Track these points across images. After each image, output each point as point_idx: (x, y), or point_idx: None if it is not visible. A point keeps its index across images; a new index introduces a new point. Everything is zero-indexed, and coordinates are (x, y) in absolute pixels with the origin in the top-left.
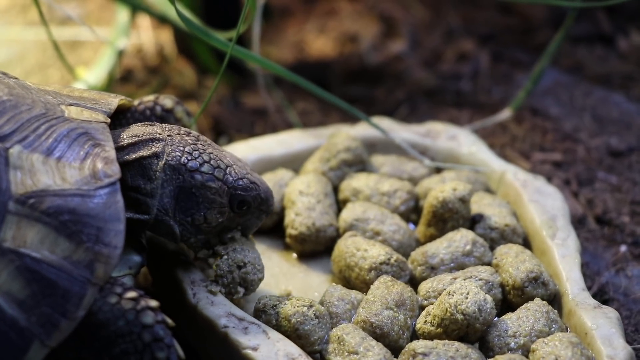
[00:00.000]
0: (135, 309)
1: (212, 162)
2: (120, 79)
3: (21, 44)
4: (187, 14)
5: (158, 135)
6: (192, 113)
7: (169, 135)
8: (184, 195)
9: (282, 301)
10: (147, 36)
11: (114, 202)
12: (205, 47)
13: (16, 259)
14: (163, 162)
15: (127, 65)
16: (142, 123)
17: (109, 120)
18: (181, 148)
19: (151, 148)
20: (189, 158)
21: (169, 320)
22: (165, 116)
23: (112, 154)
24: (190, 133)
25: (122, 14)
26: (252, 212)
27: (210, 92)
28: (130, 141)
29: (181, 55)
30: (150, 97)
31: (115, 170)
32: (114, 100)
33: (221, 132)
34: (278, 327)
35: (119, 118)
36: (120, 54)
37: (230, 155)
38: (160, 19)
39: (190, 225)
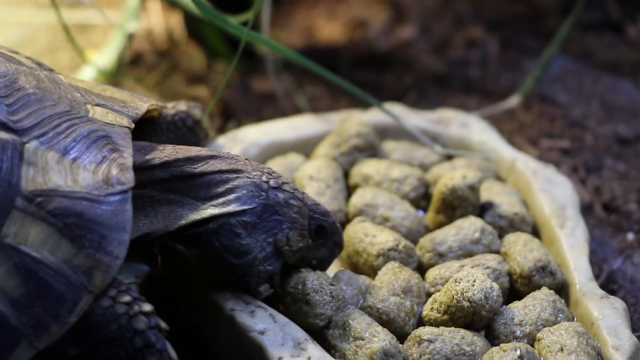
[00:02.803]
0: (128, 314)
1: (290, 184)
2: (130, 62)
3: (31, 26)
4: None
5: (236, 157)
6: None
7: (246, 159)
8: (268, 213)
9: (309, 271)
10: (157, 20)
11: (123, 210)
12: (215, 31)
13: (15, 255)
14: (244, 179)
15: (137, 49)
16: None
17: (132, 126)
18: (261, 169)
19: (230, 164)
20: (270, 177)
21: (163, 324)
22: (194, 127)
23: (129, 161)
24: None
25: None
26: (327, 244)
27: (225, 80)
28: (209, 154)
29: (191, 39)
30: (183, 108)
31: (129, 178)
32: (144, 105)
33: (230, 116)
34: (294, 289)
35: (148, 125)
36: (130, 37)
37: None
38: (170, 3)
39: (272, 247)
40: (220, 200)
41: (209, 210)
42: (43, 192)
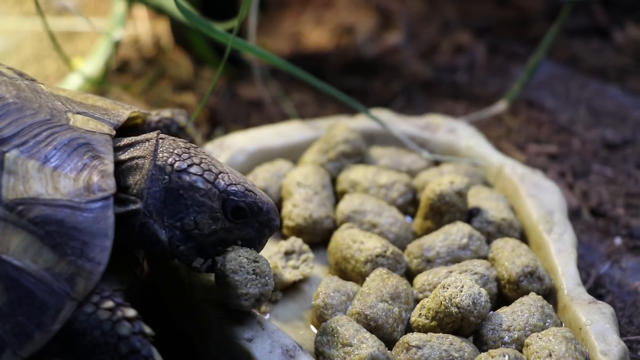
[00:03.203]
0: (112, 320)
1: (202, 165)
2: (117, 70)
3: (17, 34)
4: (184, 4)
5: (151, 137)
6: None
7: (161, 138)
8: (172, 197)
9: (237, 249)
10: (143, 27)
11: (104, 217)
12: (202, 38)
13: None
14: (150, 161)
15: (124, 56)
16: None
17: (113, 133)
18: (170, 150)
19: (144, 149)
20: (177, 159)
21: (148, 330)
22: (178, 133)
23: (110, 167)
24: (186, 142)
25: (119, 5)
26: (251, 224)
27: (211, 87)
28: (128, 142)
29: (177, 46)
30: (167, 114)
31: (110, 185)
32: (125, 112)
33: (217, 123)
34: (219, 270)
35: (132, 132)
36: (117, 44)
37: (232, 170)
38: (157, 10)
39: (180, 231)
40: (136, 188)
41: (130, 201)
42: (24, 200)
